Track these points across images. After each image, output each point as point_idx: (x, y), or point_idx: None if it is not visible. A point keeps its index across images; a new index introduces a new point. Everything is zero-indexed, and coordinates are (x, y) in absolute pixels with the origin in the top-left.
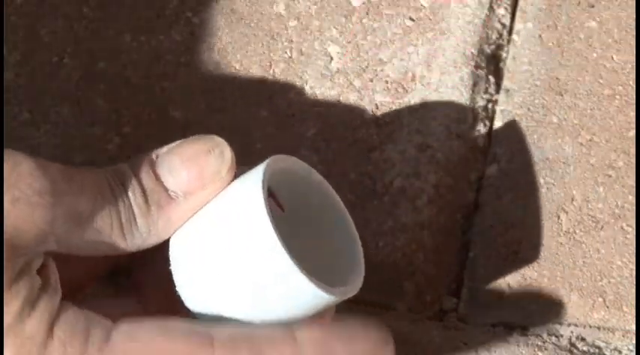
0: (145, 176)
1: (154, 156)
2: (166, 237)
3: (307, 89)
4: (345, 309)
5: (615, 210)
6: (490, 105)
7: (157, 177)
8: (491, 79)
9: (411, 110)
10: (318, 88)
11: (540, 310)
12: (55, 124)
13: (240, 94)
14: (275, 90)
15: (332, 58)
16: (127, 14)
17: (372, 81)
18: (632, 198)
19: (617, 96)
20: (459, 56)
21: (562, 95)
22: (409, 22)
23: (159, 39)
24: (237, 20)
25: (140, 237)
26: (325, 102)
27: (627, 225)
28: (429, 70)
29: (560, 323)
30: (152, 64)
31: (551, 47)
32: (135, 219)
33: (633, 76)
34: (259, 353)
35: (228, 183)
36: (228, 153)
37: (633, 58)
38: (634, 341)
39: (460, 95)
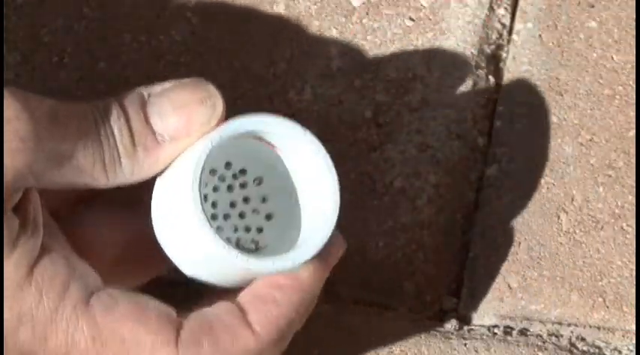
0: (135, 116)
1: (145, 94)
2: (150, 176)
3: (307, 89)
4: (345, 309)
5: (615, 210)
6: (490, 105)
7: (147, 120)
8: (491, 78)
9: (411, 110)
10: (319, 87)
11: (540, 310)
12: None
13: (240, 94)
14: (275, 90)
15: (332, 58)
16: (127, 14)
17: (372, 81)
18: (632, 198)
19: (617, 96)
20: (459, 56)
21: (562, 95)
22: (409, 22)
23: (159, 39)
24: (237, 20)
25: (123, 177)
26: (325, 102)
27: (627, 225)
28: (429, 70)
29: (560, 323)
30: (152, 64)
31: (551, 47)
32: (120, 158)
33: (633, 76)
34: (218, 343)
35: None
36: (219, 105)
37: (633, 58)
38: (634, 341)
39: (460, 94)
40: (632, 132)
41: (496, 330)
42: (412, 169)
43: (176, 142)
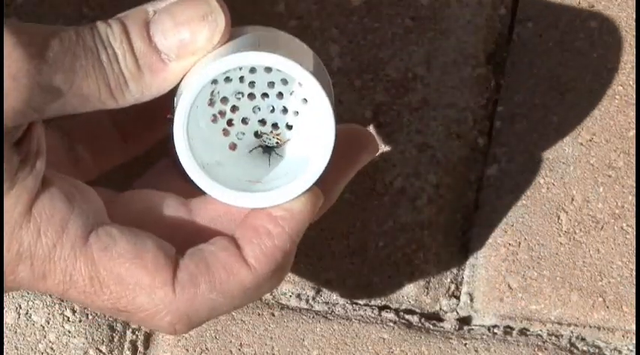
0: (138, 38)
1: (150, 11)
2: (161, 93)
3: None
4: (344, 309)
5: (615, 210)
6: (490, 105)
7: (150, 39)
8: (492, 78)
9: (411, 110)
10: None
11: (540, 310)
12: (55, 123)
13: None
14: None
15: (332, 58)
16: None
17: (372, 81)
18: (632, 198)
19: (617, 96)
20: (459, 56)
21: (562, 95)
22: (409, 22)
23: None
24: (237, 20)
25: (132, 98)
26: None
27: (627, 225)
28: (429, 70)
29: (560, 323)
30: None
31: (551, 47)
32: (126, 82)
33: (633, 76)
34: (214, 282)
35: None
36: (222, 20)
37: (633, 58)
38: (634, 341)
39: (460, 95)
40: (632, 132)
41: (496, 330)
42: (412, 169)
43: (182, 60)
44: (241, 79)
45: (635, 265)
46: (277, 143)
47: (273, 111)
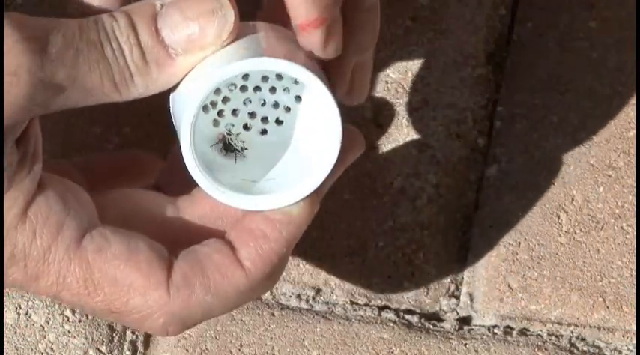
0: (145, 32)
1: (158, 4)
2: (165, 89)
3: None
4: (344, 309)
5: (615, 210)
6: (490, 105)
7: (158, 33)
8: (492, 78)
9: (411, 110)
10: None
11: (540, 310)
12: (55, 124)
13: None
14: None
15: None
16: None
17: (372, 81)
18: (632, 198)
19: (617, 96)
20: (459, 56)
21: (562, 95)
22: (409, 22)
23: None
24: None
25: (137, 92)
26: None
27: (627, 225)
28: (429, 70)
29: (560, 323)
30: None
31: (551, 47)
32: (132, 76)
33: (633, 76)
34: (209, 285)
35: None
36: (231, 16)
37: (633, 58)
38: (634, 341)
39: (460, 95)
40: (632, 132)
41: (496, 330)
42: (412, 169)
43: (190, 55)
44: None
45: (635, 265)
46: (241, 148)
47: (264, 104)
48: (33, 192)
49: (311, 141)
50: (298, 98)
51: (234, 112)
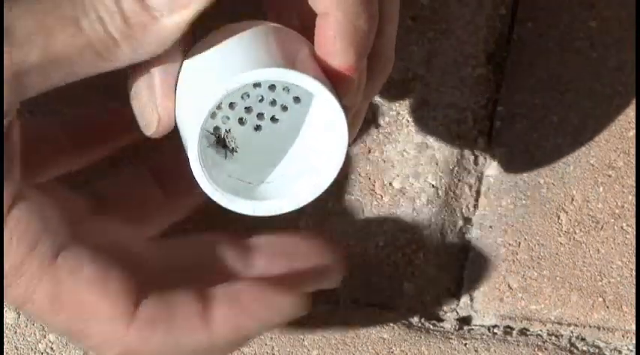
0: None
1: None
2: (157, 53)
3: None
4: (344, 309)
5: (615, 210)
6: (490, 105)
7: None
8: (492, 78)
9: (411, 110)
10: None
11: (540, 310)
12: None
13: None
14: None
15: None
16: None
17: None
18: (632, 198)
19: (617, 96)
20: (459, 56)
21: (562, 94)
22: (409, 22)
23: None
24: (238, 20)
25: (126, 58)
26: None
27: (627, 225)
28: (429, 70)
29: (560, 323)
30: None
31: (551, 47)
32: (117, 43)
33: (633, 76)
34: (171, 333)
35: None
36: None
37: (633, 58)
38: (634, 341)
39: (460, 95)
40: (632, 132)
41: (496, 330)
42: (412, 169)
43: (175, 14)
44: None
45: (635, 265)
46: (234, 143)
47: (261, 101)
48: (10, 202)
49: (312, 147)
50: (297, 99)
51: (231, 105)
